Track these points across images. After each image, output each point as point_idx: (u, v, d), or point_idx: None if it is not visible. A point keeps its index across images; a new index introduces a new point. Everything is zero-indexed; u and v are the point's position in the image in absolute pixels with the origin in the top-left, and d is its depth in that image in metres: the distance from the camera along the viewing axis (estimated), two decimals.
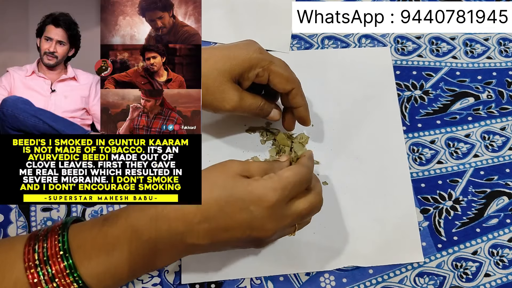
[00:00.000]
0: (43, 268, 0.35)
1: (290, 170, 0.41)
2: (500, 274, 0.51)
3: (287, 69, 0.48)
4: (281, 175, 0.40)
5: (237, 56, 0.46)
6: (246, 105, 0.47)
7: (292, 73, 0.48)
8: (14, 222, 0.50)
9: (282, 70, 0.47)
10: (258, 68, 0.46)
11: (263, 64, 0.46)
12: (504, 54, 0.61)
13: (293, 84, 0.48)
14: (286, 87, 0.47)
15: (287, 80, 0.47)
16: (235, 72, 0.46)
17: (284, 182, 0.39)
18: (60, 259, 0.35)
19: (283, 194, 0.39)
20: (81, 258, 0.36)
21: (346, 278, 0.50)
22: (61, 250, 0.36)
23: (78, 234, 0.37)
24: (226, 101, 0.47)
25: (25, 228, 0.50)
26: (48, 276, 0.35)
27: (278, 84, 0.47)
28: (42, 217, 0.50)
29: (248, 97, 0.48)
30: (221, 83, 0.46)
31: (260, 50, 0.47)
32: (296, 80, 0.48)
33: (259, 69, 0.46)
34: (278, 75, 0.47)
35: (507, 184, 0.55)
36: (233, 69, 0.46)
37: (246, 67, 0.46)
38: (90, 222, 0.39)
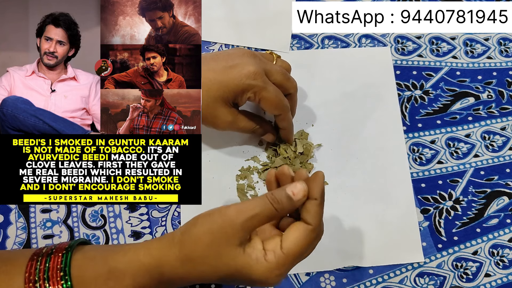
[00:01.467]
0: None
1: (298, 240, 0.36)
2: (500, 274, 0.51)
3: (279, 95, 0.47)
4: (288, 253, 0.36)
5: (229, 82, 0.46)
6: (239, 127, 0.49)
7: (283, 98, 0.48)
8: (13, 223, 0.50)
9: (272, 96, 0.47)
10: (250, 93, 0.46)
11: (254, 90, 0.46)
12: (504, 54, 0.61)
13: (281, 111, 0.48)
14: (274, 112, 0.49)
15: (275, 107, 0.48)
16: (229, 97, 0.46)
17: (291, 260, 0.36)
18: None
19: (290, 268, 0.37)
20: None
21: (346, 278, 0.50)
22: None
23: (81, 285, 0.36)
24: (219, 124, 0.48)
25: (24, 230, 0.50)
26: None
27: (266, 108, 0.48)
28: (42, 218, 0.50)
29: (242, 120, 0.49)
30: (214, 109, 0.46)
31: (254, 76, 0.46)
32: (285, 107, 0.48)
33: (251, 94, 0.47)
34: (267, 101, 0.47)
35: (507, 184, 0.54)
36: (225, 95, 0.46)
37: (238, 92, 0.46)
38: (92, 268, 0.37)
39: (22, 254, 0.38)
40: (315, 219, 0.37)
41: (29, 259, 0.36)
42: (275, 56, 0.51)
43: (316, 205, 0.37)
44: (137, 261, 0.37)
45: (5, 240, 0.49)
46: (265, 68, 0.47)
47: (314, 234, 0.37)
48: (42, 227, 0.50)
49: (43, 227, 0.50)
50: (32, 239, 0.49)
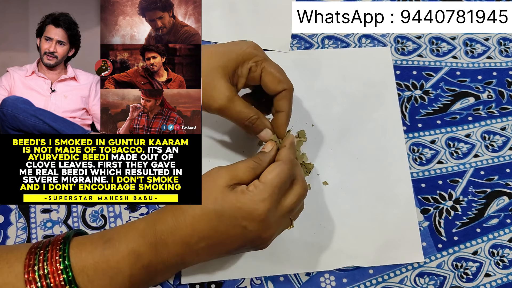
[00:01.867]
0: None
1: (273, 171, 0.40)
2: (500, 274, 0.51)
3: (281, 71, 0.46)
4: (266, 181, 0.40)
5: (231, 51, 0.45)
6: (235, 110, 0.45)
7: (286, 77, 0.47)
8: (14, 224, 0.50)
9: (275, 70, 0.45)
10: (252, 62, 0.45)
11: (256, 58, 0.45)
12: (504, 54, 0.61)
13: (285, 86, 0.46)
14: (277, 87, 0.45)
15: (279, 80, 0.45)
16: (229, 68, 0.44)
17: (270, 189, 0.40)
18: (64, 282, 0.36)
19: (272, 200, 0.40)
20: (85, 282, 0.37)
21: (346, 278, 0.50)
22: (63, 273, 0.36)
23: (79, 256, 0.37)
24: (214, 99, 0.44)
25: (24, 230, 0.50)
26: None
27: (269, 83, 0.45)
28: (42, 218, 0.50)
29: (240, 103, 0.45)
30: (212, 79, 0.44)
31: (255, 47, 0.46)
32: (289, 84, 0.46)
33: (252, 63, 0.45)
34: (270, 73, 0.45)
35: (507, 184, 0.54)
36: (226, 65, 0.44)
37: (239, 61, 0.45)
38: (90, 242, 0.39)
39: (23, 245, 0.39)
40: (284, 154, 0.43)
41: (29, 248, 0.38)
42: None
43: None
44: (132, 228, 0.40)
45: (5, 240, 0.49)
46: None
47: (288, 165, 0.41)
48: (42, 227, 0.50)
49: (43, 227, 0.50)
50: (32, 239, 0.49)
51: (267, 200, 0.39)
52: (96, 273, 0.37)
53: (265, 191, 0.39)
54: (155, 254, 0.39)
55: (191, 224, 0.39)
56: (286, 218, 0.42)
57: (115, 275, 0.37)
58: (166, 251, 0.39)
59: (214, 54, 0.45)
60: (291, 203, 0.41)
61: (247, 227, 0.39)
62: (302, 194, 0.43)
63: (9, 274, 0.36)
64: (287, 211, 0.41)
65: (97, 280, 0.37)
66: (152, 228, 0.39)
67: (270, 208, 0.39)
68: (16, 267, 0.36)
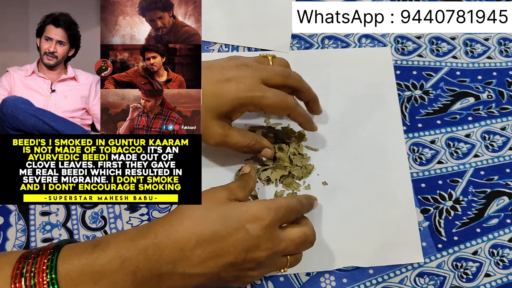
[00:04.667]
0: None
1: (281, 198, 0.43)
2: (500, 274, 0.51)
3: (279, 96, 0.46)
4: (273, 199, 0.42)
5: (225, 94, 0.44)
6: (231, 143, 0.47)
7: (286, 97, 0.46)
8: (13, 225, 0.50)
9: (273, 101, 0.45)
10: (250, 106, 0.45)
11: (253, 101, 0.45)
12: (504, 54, 0.61)
13: (287, 110, 0.47)
14: (282, 113, 0.48)
15: (280, 109, 0.46)
16: (222, 109, 0.45)
17: (277, 204, 0.41)
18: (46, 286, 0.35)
19: (277, 214, 0.40)
20: (68, 285, 0.35)
21: (346, 278, 0.50)
22: (48, 276, 0.35)
23: (67, 260, 0.36)
24: (209, 137, 0.46)
25: (24, 232, 0.50)
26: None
27: (273, 113, 0.47)
28: (41, 221, 0.50)
29: (235, 135, 0.46)
30: (204, 119, 0.44)
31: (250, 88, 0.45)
32: (290, 105, 0.47)
33: (251, 107, 0.46)
34: (270, 106, 0.46)
35: (508, 184, 0.54)
36: (220, 107, 0.44)
37: (235, 106, 0.45)
38: (80, 246, 0.38)
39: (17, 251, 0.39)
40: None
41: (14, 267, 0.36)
42: (270, 57, 0.49)
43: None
44: (123, 233, 0.39)
45: (4, 242, 0.49)
46: (261, 77, 0.46)
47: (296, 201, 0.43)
48: (41, 230, 0.50)
49: (42, 230, 0.50)
50: (31, 242, 0.49)
51: (273, 211, 0.40)
52: (80, 277, 0.36)
53: (272, 203, 0.40)
54: (143, 259, 0.37)
55: (190, 227, 0.38)
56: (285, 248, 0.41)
57: (99, 280, 0.36)
58: (157, 256, 0.37)
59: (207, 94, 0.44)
60: (296, 236, 0.41)
61: (249, 231, 0.38)
62: (308, 238, 0.42)
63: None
64: (289, 240, 0.41)
65: (80, 284, 0.36)
66: (145, 232, 0.38)
67: (274, 219, 0.39)
68: (5, 271, 0.36)
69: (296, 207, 0.43)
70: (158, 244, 0.37)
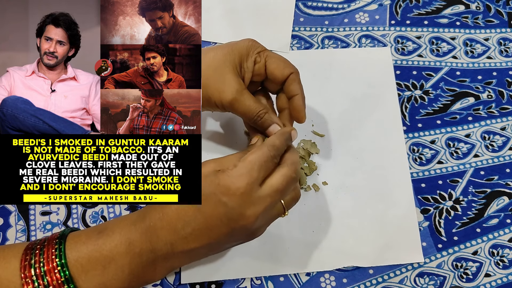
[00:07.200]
0: (40, 284, 0.36)
1: (253, 153, 0.41)
2: (500, 274, 0.51)
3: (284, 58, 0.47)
4: (245, 160, 0.40)
5: (235, 46, 0.46)
6: (245, 103, 0.45)
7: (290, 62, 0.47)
8: (13, 226, 0.50)
9: (278, 57, 0.47)
10: (255, 53, 0.46)
11: (258, 49, 0.47)
12: (504, 54, 0.61)
13: (292, 69, 0.46)
14: (284, 72, 0.46)
15: (284, 65, 0.46)
16: (236, 61, 0.46)
17: (249, 165, 0.39)
18: (58, 273, 0.36)
19: (252, 177, 0.39)
20: (79, 272, 0.37)
21: (346, 278, 0.50)
22: (59, 265, 0.36)
23: (74, 247, 0.38)
24: (225, 92, 0.45)
25: (24, 232, 0.50)
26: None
27: (276, 69, 0.46)
28: (42, 221, 0.50)
29: (249, 97, 0.46)
30: (222, 73, 0.45)
31: (254, 41, 0.47)
32: (295, 67, 0.47)
33: (256, 55, 0.46)
34: (274, 60, 0.46)
35: (507, 184, 0.54)
36: (233, 59, 0.45)
37: (243, 54, 0.46)
38: (85, 234, 0.39)
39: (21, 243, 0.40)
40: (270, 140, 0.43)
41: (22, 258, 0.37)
42: None
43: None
44: (125, 217, 0.41)
45: (4, 242, 0.49)
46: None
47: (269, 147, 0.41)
48: (42, 230, 0.50)
49: (43, 229, 0.50)
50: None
51: (245, 175, 0.39)
52: (89, 263, 0.37)
53: (243, 167, 0.39)
54: (146, 241, 0.38)
55: (176, 208, 0.39)
56: (273, 201, 0.41)
57: (107, 264, 0.37)
58: (155, 238, 0.39)
59: (220, 50, 0.46)
60: (278, 183, 0.40)
61: (227, 204, 0.38)
62: (291, 177, 0.41)
63: (5, 270, 0.36)
64: (274, 191, 0.40)
65: (90, 270, 0.37)
66: (143, 216, 0.40)
67: (249, 182, 0.39)
68: (13, 263, 0.37)
69: (270, 155, 0.41)
70: (154, 226, 0.39)
